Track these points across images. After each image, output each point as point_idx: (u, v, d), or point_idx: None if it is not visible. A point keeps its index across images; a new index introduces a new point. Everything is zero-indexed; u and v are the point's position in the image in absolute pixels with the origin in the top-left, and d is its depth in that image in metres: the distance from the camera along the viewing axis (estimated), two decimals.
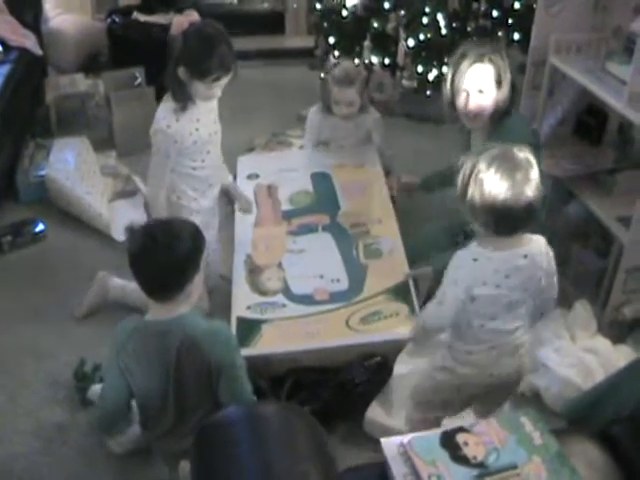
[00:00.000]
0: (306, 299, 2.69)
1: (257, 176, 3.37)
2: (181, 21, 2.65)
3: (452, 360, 2.15)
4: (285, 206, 3.16)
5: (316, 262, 2.85)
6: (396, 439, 1.66)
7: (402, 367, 2.48)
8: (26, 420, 2.58)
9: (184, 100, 2.64)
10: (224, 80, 2.62)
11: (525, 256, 1.97)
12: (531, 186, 1.87)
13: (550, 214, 3.10)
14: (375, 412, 2.48)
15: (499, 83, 2.60)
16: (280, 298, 2.70)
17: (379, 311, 2.61)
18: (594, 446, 1.82)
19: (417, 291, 2.73)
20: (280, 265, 2.85)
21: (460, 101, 2.64)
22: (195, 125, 2.71)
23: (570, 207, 3.13)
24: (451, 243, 2.81)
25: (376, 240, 2.93)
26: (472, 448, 1.61)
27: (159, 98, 2.82)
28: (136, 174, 3.78)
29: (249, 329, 2.56)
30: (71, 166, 3.71)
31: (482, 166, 1.88)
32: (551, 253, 2.04)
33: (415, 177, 3.32)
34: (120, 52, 4.68)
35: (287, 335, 2.55)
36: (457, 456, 1.59)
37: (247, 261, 2.87)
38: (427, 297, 2.72)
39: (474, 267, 1.96)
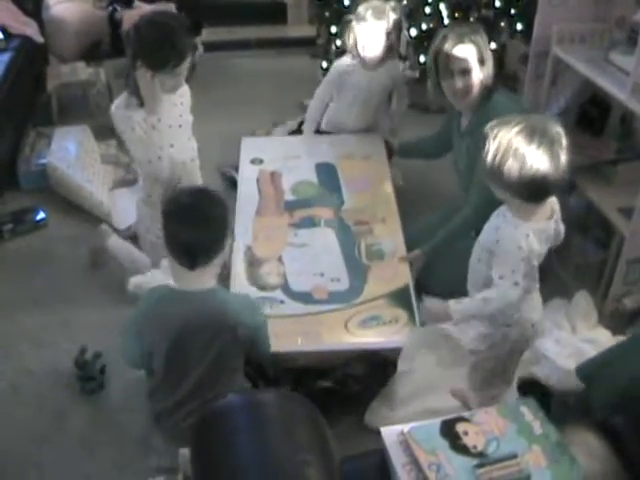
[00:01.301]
0: (304, 297, 2.64)
1: (261, 161, 3.33)
2: (132, 15, 2.60)
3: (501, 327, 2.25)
4: (288, 196, 3.12)
5: (317, 258, 2.80)
6: (396, 428, 1.66)
7: (406, 364, 2.47)
8: (26, 407, 2.58)
9: (141, 98, 2.64)
10: (184, 66, 2.59)
11: (556, 221, 2.11)
12: (566, 154, 1.96)
13: None
14: (378, 405, 2.48)
15: (482, 62, 2.66)
16: (279, 294, 2.65)
17: (378, 316, 2.56)
18: (594, 436, 1.82)
19: (412, 274, 2.75)
20: (280, 259, 2.79)
21: (447, 83, 2.69)
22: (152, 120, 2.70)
23: (571, 198, 3.12)
24: None
25: (378, 241, 2.88)
26: (472, 437, 1.61)
27: None
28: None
29: None
30: (72, 154, 3.71)
31: (521, 141, 1.94)
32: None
33: (395, 140, 3.44)
34: (121, 40, 4.66)
35: (285, 334, 2.47)
36: (457, 445, 1.59)
37: (247, 252, 2.82)
38: (417, 277, 2.79)
39: (529, 243, 2.05)
